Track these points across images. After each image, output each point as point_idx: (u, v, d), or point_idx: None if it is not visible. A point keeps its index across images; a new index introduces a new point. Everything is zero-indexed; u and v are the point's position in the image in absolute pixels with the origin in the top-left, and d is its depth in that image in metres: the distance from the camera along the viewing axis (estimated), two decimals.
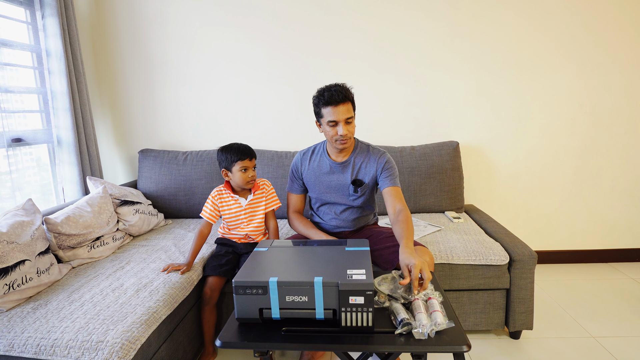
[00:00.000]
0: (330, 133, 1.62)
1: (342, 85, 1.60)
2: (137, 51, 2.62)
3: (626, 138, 2.59)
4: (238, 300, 1.10)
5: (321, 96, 1.59)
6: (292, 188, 1.87)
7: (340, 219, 1.81)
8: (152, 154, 2.56)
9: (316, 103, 1.63)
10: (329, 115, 1.58)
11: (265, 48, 2.57)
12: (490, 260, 1.80)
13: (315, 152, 1.82)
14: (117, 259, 1.84)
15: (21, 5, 2.14)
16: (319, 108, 1.61)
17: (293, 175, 1.85)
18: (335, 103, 1.56)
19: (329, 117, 1.58)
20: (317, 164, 1.79)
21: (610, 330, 1.94)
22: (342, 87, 1.59)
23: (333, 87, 1.59)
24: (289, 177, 1.87)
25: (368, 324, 1.07)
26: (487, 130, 2.62)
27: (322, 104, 1.59)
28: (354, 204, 1.78)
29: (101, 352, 1.18)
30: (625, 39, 2.48)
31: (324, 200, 1.81)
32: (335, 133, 1.61)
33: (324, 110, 1.59)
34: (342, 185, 1.75)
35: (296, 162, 1.84)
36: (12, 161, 2.01)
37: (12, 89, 2.04)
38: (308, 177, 1.81)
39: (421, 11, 2.49)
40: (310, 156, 1.81)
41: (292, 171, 1.85)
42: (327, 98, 1.57)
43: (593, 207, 2.69)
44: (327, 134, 1.64)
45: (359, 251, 1.29)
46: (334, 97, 1.56)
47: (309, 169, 1.80)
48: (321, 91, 1.61)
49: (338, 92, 1.56)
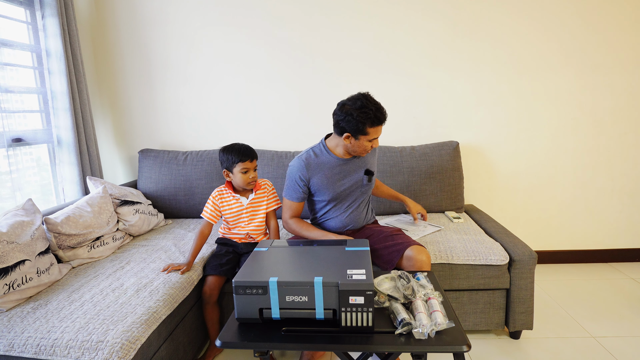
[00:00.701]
0: (364, 147, 1.68)
1: (379, 104, 1.64)
2: (137, 51, 2.62)
3: (626, 138, 2.59)
4: (238, 300, 1.11)
5: (366, 116, 1.59)
6: (292, 196, 1.79)
7: (350, 215, 1.82)
8: (152, 154, 2.56)
9: (361, 121, 1.60)
10: (375, 133, 1.64)
11: (265, 48, 2.57)
12: (490, 260, 1.80)
13: (319, 154, 1.77)
14: (117, 259, 1.84)
15: (21, 5, 2.14)
16: (364, 126, 1.61)
17: (297, 183, 1.76)
18: (380, 122, 1.63)
19: (374, 135, 1.64)
20: (326, 165, 1.76)
21: (610, 330, 1.94)
22: (381, 106, 1.63)
23: (377, 105, 1.62)
24: (289, 185, 1.79)
25: (368, 324, 1.07)
26: (487, 130, 2.62)
27: (370, 123, 1.60)
28: (364, 196, 1.85)
29: (101, 352, 1.18)
30: (625, 39, 2.48)
31: (336, 197, 1.78)
32: (370, 147, 1.68)
33: (370, 129, 1.62)
34: (356, 176, 1.79)
35: (300, 170, 1.74)
36: (12, 161, 2.01)
37: (12, 89, 2.04)
38: (318, 179, 1.75)
39: (421, 11, 2.49)
40: (315, 159, 1.76)
41: (296, 179, 1.75)
42: (374, 118, 1.60)
43: (593, 207, 2.69)
44: (359, 147, 1.67)
45: (359, 251, 1.29)
46: (380, 117, 1.62)
47: (318, 173, 1.75)
48: (365, 110, 1.59)
49: (382, 112, 1.62)
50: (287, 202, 1.82)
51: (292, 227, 1.80)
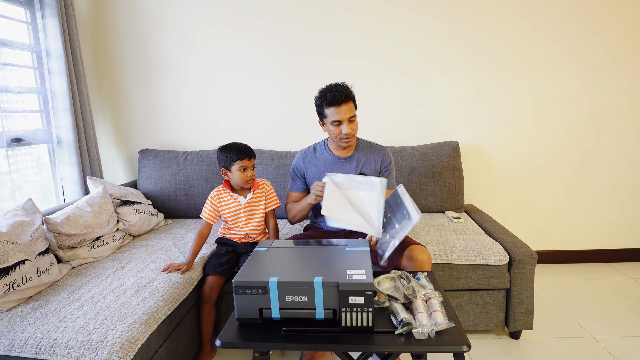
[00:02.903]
0: (334, 132, 1.68)
1: (343, 85, 1.64)
2: (137, 51, 2.62)
3: (626, 138, 2.59)
4: (238, 300, 1.11)
5: (324, 97, 1.64)
6: (293, 187, 1.90)
7: None
8: (152, 154, 2.56)
9: (319, 104, 1.67)
10: (333, 115, 1.63)
11: (265, 48, 2.57)
12: (490, 260, 1.80)
13: (317, 150, 1.85)
14: (117, 259, 1.84)
15: (21, 5, 2.14)
16: (322, 109, 1.66)
17: (294, 174, 1.88)
18: (338, 103, 1.61)
19: (332, 117, 1.63)
20: (320, 161, 1.81)
21: (610, 330, 1.94)
22: (344, 87, 1.63)
23: (334, 87, 1.63)
24: (290, 176, 1.91)
25: (368, 324, 1.07)
26: (487, 130, 2.62)
27: (325, 105, 1.63)
28: None
29: (101, 352, 1.18)
30: (625, 39, 2.48)
31: None
32: (339, 132, 1.66)
33: (327, 110, 1.64)
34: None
35: (297, 162, 1.87)
36: (12, 161, 2.01)
37: (12, 89, 2.04)
38: (312, 175, 1.82)
39: (421, 11, 2.49)
40: (313, 154, 1.85)
41: (294, 170, 1.88)
42: (329, 99, 1.61)
43: (593, 207, 2.68)
44: (332, 133, 1.69)
45: (359, 251, 1.29)
46: (337, 97, 1.60)
47: (312, 167, 1.82)
48: (323, 92, 1.65)
49: (340, 92, 1.61)
50: (288, 194, 1.92)
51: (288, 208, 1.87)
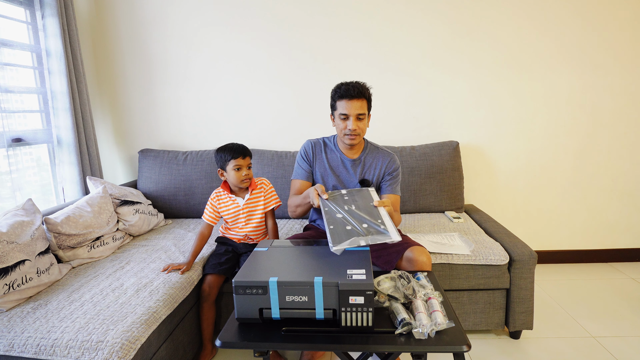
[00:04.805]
0: (340, 126, 1.68)
1: (360, 83, 1.66)
2: (137, 51, 2.62)
3: (626, 138, 2.59)
4: (238, 300, 1.10)
5: (338, 89, 1.66)
6: (297, 174, 1.83)
7: None
8: (152, 154, 2.56)
9: (332, 95, 1.69)
10: (342, 108, 1.64)
11: (265, 48, 2.57)
12: (490, 260, 1.80)
13: (328, 146, 1.83)
14: (117, 259, 1.84)
15: (21, 5, 2.13)
16: (334, 100, 1.67)
17: (302, 158, 1.82)
18: (349, 97, 1.62)
19: (341, 110, 1.64)
20: (329, 158, 1.81)
21: (610, 330, 1.94)
22: (360, 84, 1.65)
23: (351, 82, 1.65)
24: (297, 162, 1.85)
25: (368, 324, 1.07)
26: (487, 130, 2.62)
27: (338, 97, 1.65)
28: None
29: (101, 352, 1.18)
30: (625, 39, 2.48)
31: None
32: (345, 127, 1.66)
33: (338, 103, 1.65)
34: (350, 182, 1.79)
35: (307, 147, 1.82)
36: (12, 161, 2.01)
37: (12, 89, 2.04)
38: (319, 166, 1.81)
39: (421, 11, 2.49)
40: (323, 148, 1.83)
41: (303, 154, 1.82)
42: (343, 91, 1.63)
43: (593, 207, 2.68)
44: (338, 127, 1.70)
45: (359, 251, 1.29)
46: (350, 91, 1.62)
47: (319, 162, 1.81)
48: (339, 84, 1.67)
49: (354, 87, 1.63)
50: (292, 184, 1.86)
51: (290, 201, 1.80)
